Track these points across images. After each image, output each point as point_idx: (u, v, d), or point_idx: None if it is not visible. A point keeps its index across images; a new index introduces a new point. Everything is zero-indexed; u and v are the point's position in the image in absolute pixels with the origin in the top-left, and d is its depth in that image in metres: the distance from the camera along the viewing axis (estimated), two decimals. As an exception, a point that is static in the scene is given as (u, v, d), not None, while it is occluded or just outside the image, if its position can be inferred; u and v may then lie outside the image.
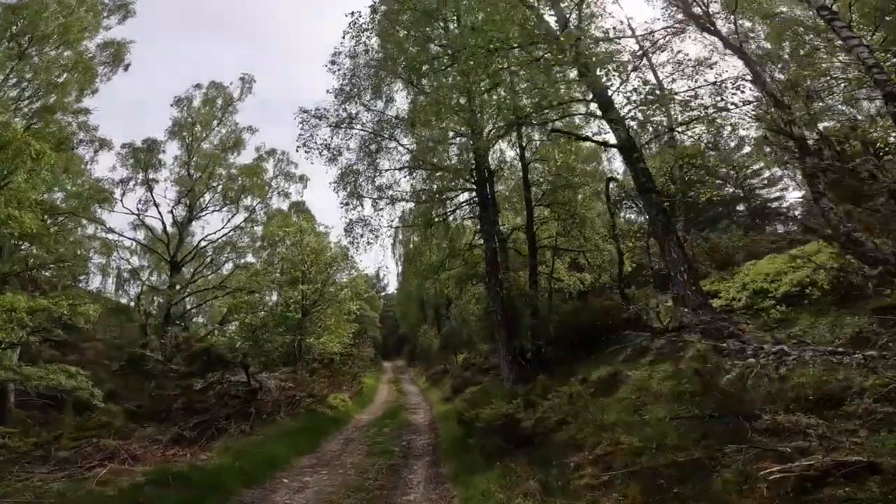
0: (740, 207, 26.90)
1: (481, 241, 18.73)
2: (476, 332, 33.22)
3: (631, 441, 5.70)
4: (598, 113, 10.36)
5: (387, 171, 17.32)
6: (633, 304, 13.12)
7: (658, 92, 9.16)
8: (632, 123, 9.64)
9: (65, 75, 21.36)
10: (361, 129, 17.34)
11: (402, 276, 57.19)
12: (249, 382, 11.27)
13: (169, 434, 8.84)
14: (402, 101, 18.21)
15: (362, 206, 16.27)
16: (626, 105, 9.53)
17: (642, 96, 8.86)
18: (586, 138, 10.28)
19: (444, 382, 24.06)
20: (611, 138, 10.69)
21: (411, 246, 57.41)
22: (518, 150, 18.82)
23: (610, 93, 9.77)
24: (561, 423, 7.28)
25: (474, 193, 16.78)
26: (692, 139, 9.88)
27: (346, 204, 16.13)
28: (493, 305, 13.91)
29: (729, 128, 9.01)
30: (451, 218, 18.90)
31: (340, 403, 15.46)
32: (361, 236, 16.72)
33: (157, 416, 10.54)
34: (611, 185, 14.71)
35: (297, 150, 16.42)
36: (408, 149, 16.95)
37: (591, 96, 10.26)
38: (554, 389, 10.07)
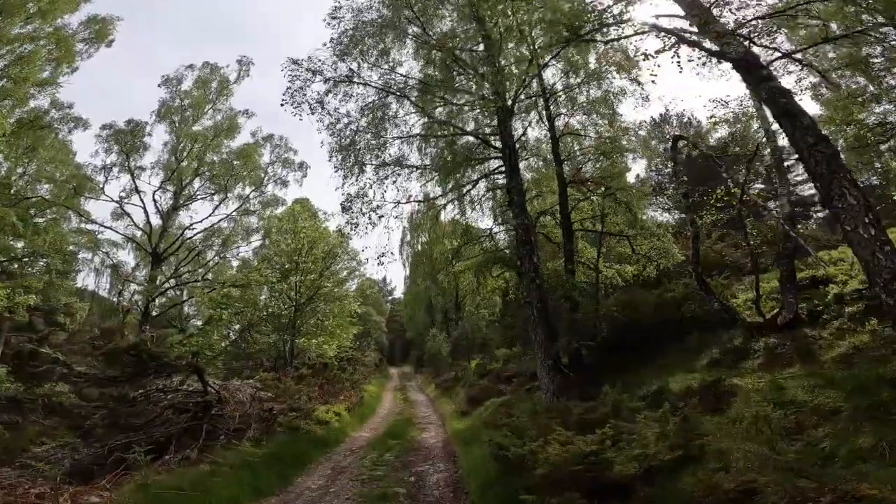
0: None
1: (498, 229, 16.10)
2: (492, 335, 30.20)
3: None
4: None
5: (396, 139, 14.48)
6: (712, 294, 10.08)
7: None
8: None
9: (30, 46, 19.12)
10: (364, 89, 14.55)
11: (410, 278, 54.70)
12: (206, 391, 8.40)
13: (67, 462, 5.97)
14: (412, 65, 15.46)
15: (363, 173, 13.42)
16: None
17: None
18: (694, 43, 7.08)
19: (456, 391, 21.04)
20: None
21: (419, 247, 54.83)
22: (546, 120, 16.04)
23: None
24: (680, 462, 4.32)
25: (499, 162, 13.91)
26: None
27: (344, 174, 13.29)
28: (527, 296, 10.91)
29: None
30: (473, 192, 16.04)
31: (333, 418, 12.52)
32: (363, 214, 13.88)
33: (79, 431, 7.68)
34: (679, 145, 11.70)
35: (282, 106, 13.45)
36: (420, 107, 14.04)
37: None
38: (627, 407, 7.08)
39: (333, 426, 12.18)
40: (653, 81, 14.04)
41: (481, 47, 14.52)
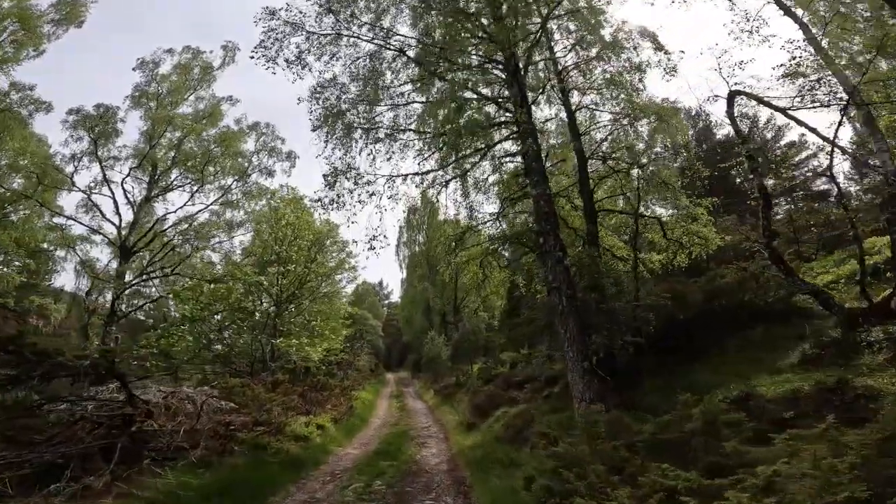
0: None
1: (507, 216, 14.06)
2: (495, 337, 28.01)
3: None
4: None
5: (391, 107, 12.36)
6: (794, 275, 7.99)
7: None
8: None
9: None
10: (354, 49, 12.50)
11: (407, 280, 52.46)
12: (132, 402, 6.23)
13: None
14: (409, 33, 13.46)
15: (352, 143, 11.29)
16: None
17: None
18: None
19: (458, 399, 18.89)
20: None
21: (416, 248, 52.75)
22: (560, 93, 14.12)
23: None
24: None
25: (510, 131, 11.89)
26: None
27: (331, 145, 11.16)
28: (552, 281, 8.75)
29: None
30: (478, 174, 14.03)
31: (314, 432, 10.36)
32: (350, 192, 11.81)
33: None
34: (736, 101, 9.66)
35: (252, 59, 11.36)
36: (421, 63, 12.00)
37: None
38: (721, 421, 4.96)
39: (314, 442, 9.99)
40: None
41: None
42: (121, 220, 21.27)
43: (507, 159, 14.54)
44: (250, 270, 16.60)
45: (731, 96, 9.53)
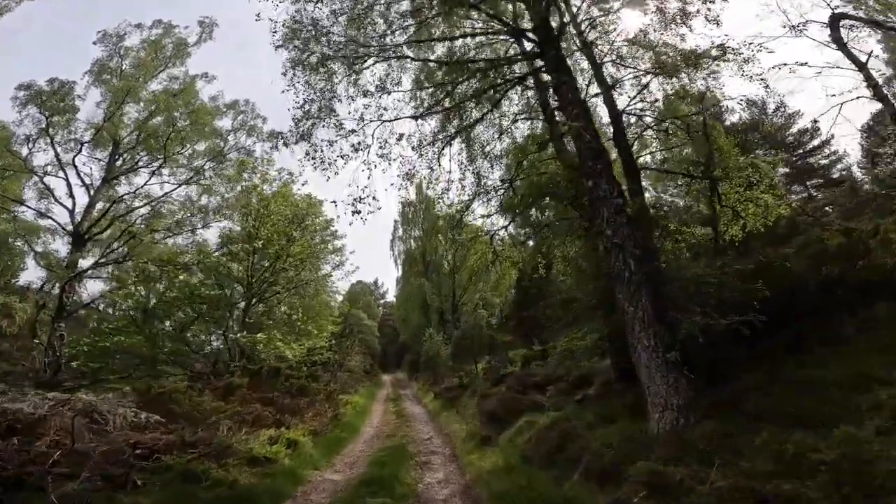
0: None
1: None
2: (500, 332, 25.58)
3: None
4: None
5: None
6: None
7: None
8: None
9: None
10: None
11: (403, 277, 49.82)
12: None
13: None
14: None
15: (330, 74, 8.73)
16: None
17: None
18: None
19: (463, 403, 16.37)
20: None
21: (412, 243, 50.07)
22: (584, 46, 11.72)
23: None
24: None
25: (537, 61, 9.42)
26: None
27: (300, 72, 8.58)
28: (612, 236, 6.19)
29: None
30: (484, 137, 11.61)
31: (281, 452, 7.82)
32: (331, 145, 9.34)
33: None
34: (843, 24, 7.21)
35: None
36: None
37: None
38: None
39: (279, 466, 7.42)
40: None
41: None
42: (74, 204, 18.64)
43: (522, 117, 12.18)
44: (222, 259, 14.03)
45: (835, 19, 7.10)
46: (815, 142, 26.13)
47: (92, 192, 19.15)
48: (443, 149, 11.41)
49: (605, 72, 11.64)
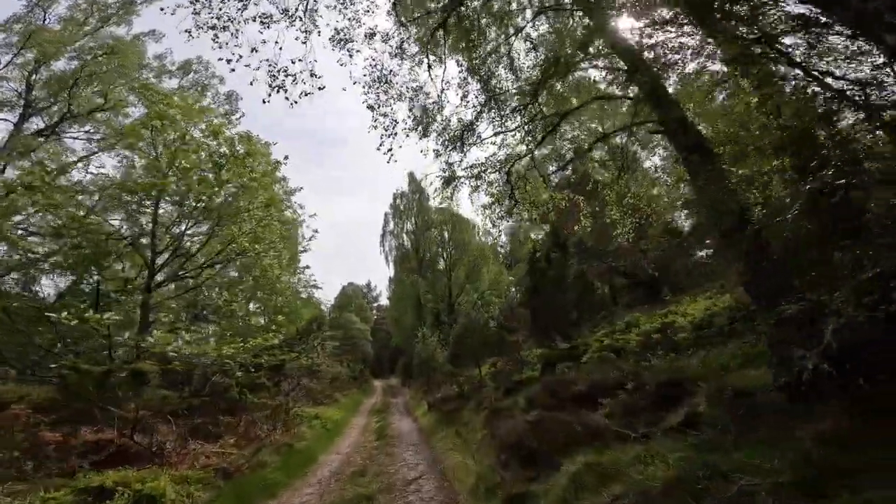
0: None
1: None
2: (504, 324, 21.15)
3: None
4: None
5: None
6: None
7: None
8: None
9: None
10: None
11: (395, 274, 45.52)
12: None
13: None
14: None
15: None
16: None
17: None
18: None
19: (465, 420, 12.18)
20: None
21: (404, 238, 45.52)
22: None
23: None
24: None
25: None
26: None
27: None
28: None
29: None
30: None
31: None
32: None
33: None
34: None
35: None
36: None
37: None
38: None
39: None
40: None
41: None
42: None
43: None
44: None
45: None
46: None
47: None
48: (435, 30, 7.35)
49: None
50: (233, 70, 6.14)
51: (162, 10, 6.10)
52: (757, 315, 5.87)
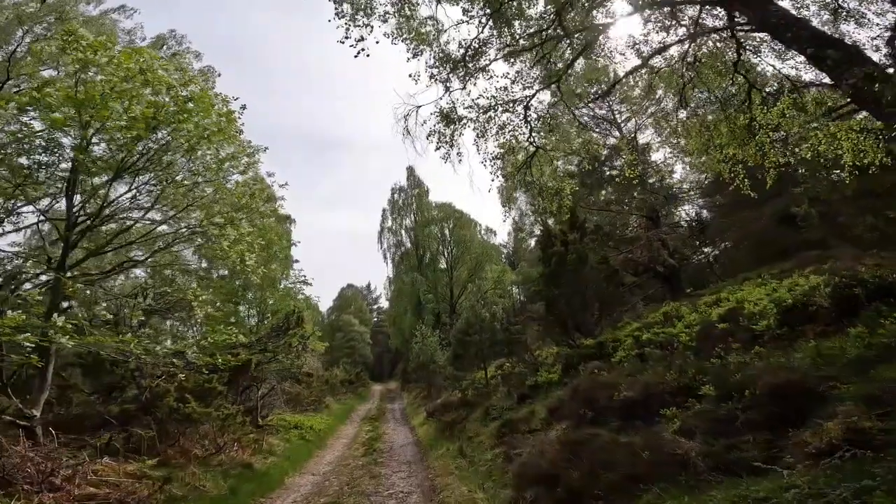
0: None
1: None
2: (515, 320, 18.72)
3: None
4: None
5: None
6: None
7: None
8: None
9: None
10: None
11: (394, 274, 43.28)
12: None
13: None
14: None
15: None
16: None
17: None
18: None
19: (471, 431, 9.99)
20: None
21: (403, 234, 43.17)
22: None
23: None
24: None
25: None
26: None
27: None
28: None
29: None
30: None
31: None
32: None
33: None
34: None
35: None
36: None
37: None
38: None
39: None
40: None
41: None
42: None
43: None
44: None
45: None
46: None
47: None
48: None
49: None
50: None
51: None
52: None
